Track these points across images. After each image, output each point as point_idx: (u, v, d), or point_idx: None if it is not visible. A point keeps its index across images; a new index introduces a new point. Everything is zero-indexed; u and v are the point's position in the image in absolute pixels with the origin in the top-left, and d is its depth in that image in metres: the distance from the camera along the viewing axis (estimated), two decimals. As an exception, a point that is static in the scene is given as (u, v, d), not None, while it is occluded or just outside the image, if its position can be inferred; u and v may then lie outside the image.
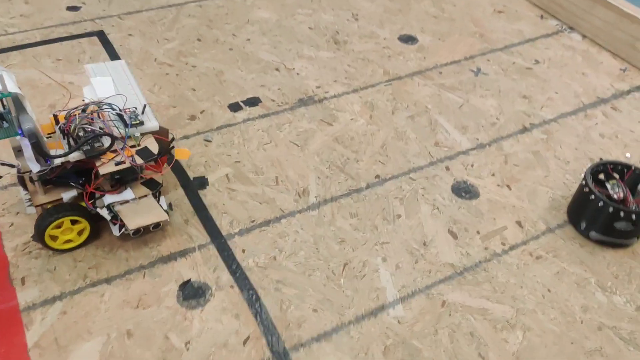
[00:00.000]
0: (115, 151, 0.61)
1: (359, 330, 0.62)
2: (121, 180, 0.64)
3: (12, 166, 0.61)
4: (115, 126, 0.62)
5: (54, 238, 0.64)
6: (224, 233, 0.70)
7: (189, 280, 0.64)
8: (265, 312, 0.62)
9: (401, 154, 0.82)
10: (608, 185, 0.73)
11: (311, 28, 1.05)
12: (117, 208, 0.63)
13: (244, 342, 0.60)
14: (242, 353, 0.59)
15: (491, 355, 0.60)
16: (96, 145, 0.60)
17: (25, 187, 0.65)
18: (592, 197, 0.70)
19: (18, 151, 0.61)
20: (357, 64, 0.97)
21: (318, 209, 0.73)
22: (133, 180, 0.64)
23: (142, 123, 0.63)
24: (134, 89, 0.67)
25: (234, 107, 0.87)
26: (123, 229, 0.64)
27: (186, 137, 0.82)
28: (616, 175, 0.74)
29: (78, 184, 0.63)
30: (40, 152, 0.58)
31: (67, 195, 0.64)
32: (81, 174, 0.63)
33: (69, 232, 0.64)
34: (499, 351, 0.61)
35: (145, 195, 0.65)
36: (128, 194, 0.64)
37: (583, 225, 0.72)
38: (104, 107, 0.63)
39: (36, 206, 0.64)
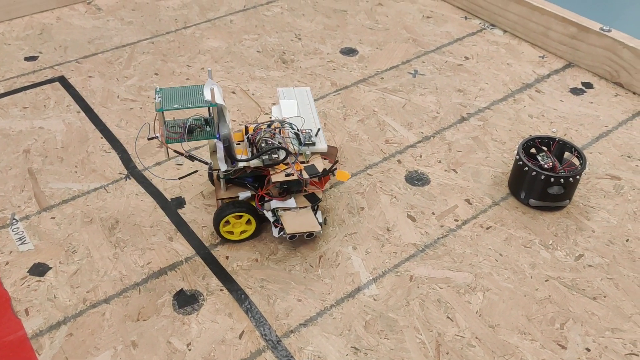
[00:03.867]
0: (287, 164, 0.70)
1: (341, 311, 0.69)
2: (287, 189, 0.73)
3: (206, 163, 0.73)
4: (292, 143, 0.71)
5: (230, 232, 0.75)
6: (206, 244, 0.76)
7: (182, 289, 0.71)
8: (254, 307, 0.69)
9: (357, 154, 0.90)
10: (539, 157, 0.83)
11: (259, 51, 1.13)
12: (280, 213, 0.73)
13: (240, 336, 0.66)
14: (240, 346, 0.65)
15: (458, 315, 0.69)
16: (273, 156, 0.70)
17: (213, 184, 0.80)
18: (526, 168, 0.80)
19: (212, 152, 0.73)
20: (306, 79, 1.06)
21: (289, 211, 0.81)
22: (297, 191, 0.73)
23: (313, 144, 0.72)
24: (312, 114, 0.76)
25: (199, 131, 0.94)
26: (282, 233, 0.73)
27: (158, 163, 0.88)
28: (544, 148, 0.84)
29: (253, 187, 0.73)
30: (230, 155, 0.69)
31: (243, 194, 0.74)
32: (256, 178, 0.73)
33: (238, 225, 0.74)
34: (464, 312, 0.69)
35: (305, 207, 0.73)
36: (291, 202, 0.73)
37: (522, 194, 0.82)
38: (285, 125, 0.73)
39: (217, 199, 0.75)
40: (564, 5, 1.12)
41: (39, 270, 0.72)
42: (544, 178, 0.78)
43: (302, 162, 0.71)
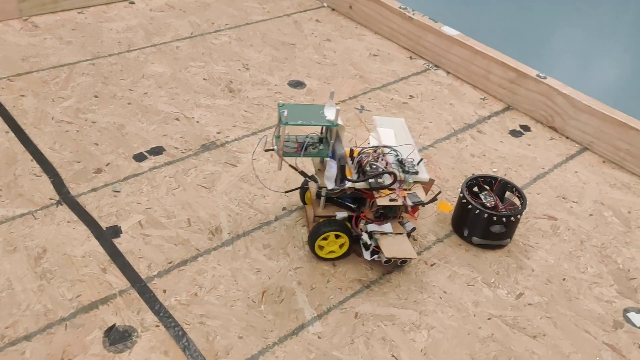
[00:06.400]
0: (392, 189, 0.71)
1: (284, 349, 0.66)
2: (383, 214, 0.74)
3: (316, 181, 0.73)
4: (398, 170, 0.72)
5: (320, 247, 0.75)
6: (143, 277, 0.72)
7: (114, 325, 0.66)
8: (193, 345, 0.65)
9: (303, 187, 0.89)
10: (482, 196, 0.85)
11: (205, 79, 1.11)
12: (376, 236, 0.74)
13: (176, 377, 0.62)
14: (175, 387, 0.61)
15: (402, 354, 0.68)
16: (379, 180, 0.70)
17: (304, 202, 0.83)
18: (470, 206, 0.81)
19: (318, 170, 0.75)
20: (253, 109, 1.05)
21: (232, 244, 0.78)
22: (392, 217, 0.74)
23: (416, 172, 0.73)
24: (410, 144, 0.77)
25: (139, 158, 0.90)
26: (375, 256, 0.74)
27: (94, 189, 0.83)
28: (487, 187, 0.86)
29: (353, 208, 0.75)
30: (343, 174, 0.70)
31: (340, 214, 0.75)
32: (354, 200, 0.75)
33: (332, 244, 0.75)
34: (409, 350, 0.68)
35: (401, 233, 0.74)
36: (387, 227, 0.74)
37: (466, 232, 0.83)
38: (389, 152, 0.74)
39: (315, 216, 0.76)
40: (504, 51, 1.18)
41: (-49, 302, 0.66)
42: (486, 216, 0.80)
43: (405, 190, 0.73)
